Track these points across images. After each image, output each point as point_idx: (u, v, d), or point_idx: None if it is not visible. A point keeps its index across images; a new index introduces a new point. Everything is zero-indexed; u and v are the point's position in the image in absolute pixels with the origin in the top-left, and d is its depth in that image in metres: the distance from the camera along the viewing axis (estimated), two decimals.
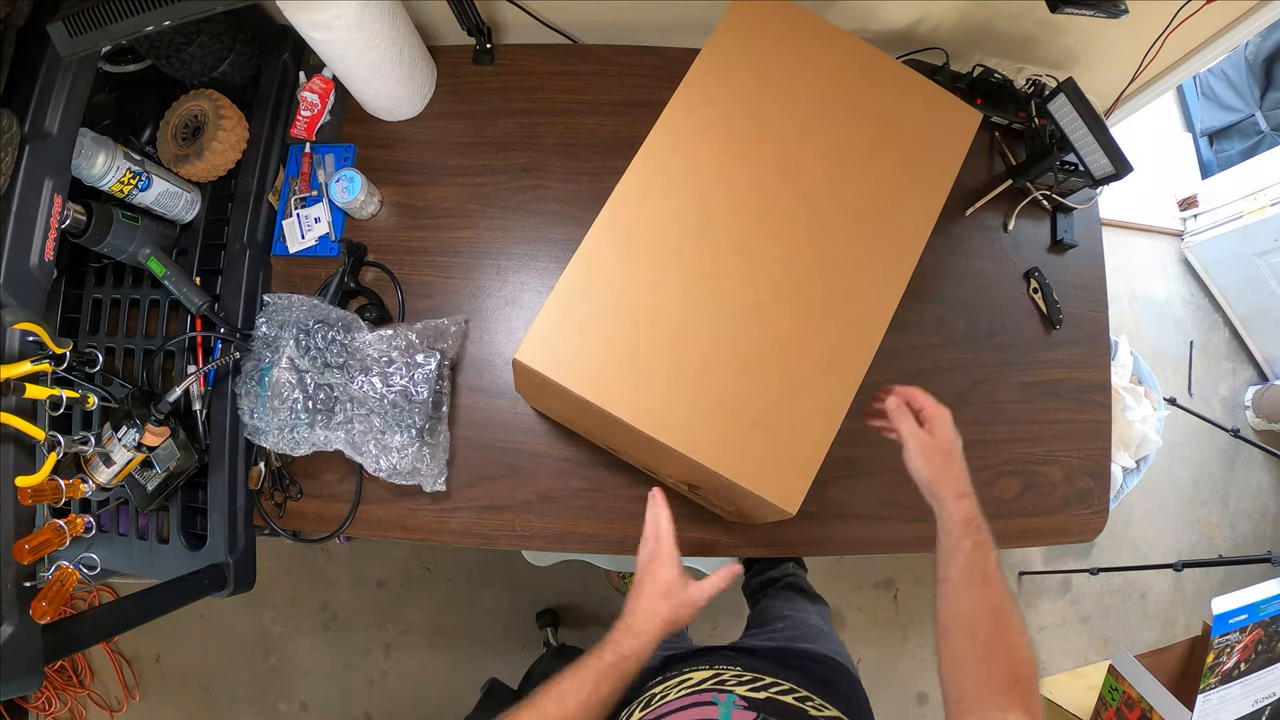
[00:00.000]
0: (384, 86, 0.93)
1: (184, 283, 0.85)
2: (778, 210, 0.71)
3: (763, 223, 0.71)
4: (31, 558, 0.63)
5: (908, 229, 0.74)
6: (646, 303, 0.66)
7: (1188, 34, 0.92)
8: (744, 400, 0.66)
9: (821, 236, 0.71)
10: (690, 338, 0.67)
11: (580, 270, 0.66)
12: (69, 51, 0.64)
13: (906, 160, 0.75)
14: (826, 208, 0.72)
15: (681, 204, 0.70)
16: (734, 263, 0.69)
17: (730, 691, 0.57)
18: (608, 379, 0.64)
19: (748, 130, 0.73)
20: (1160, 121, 2.15)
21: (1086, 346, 1.00)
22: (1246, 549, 1.95)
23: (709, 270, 0.68)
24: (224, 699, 1.78)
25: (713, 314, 0.67)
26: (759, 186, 0.71)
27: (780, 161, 0.72)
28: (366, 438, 0.83)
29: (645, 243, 0.68)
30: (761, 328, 0.68)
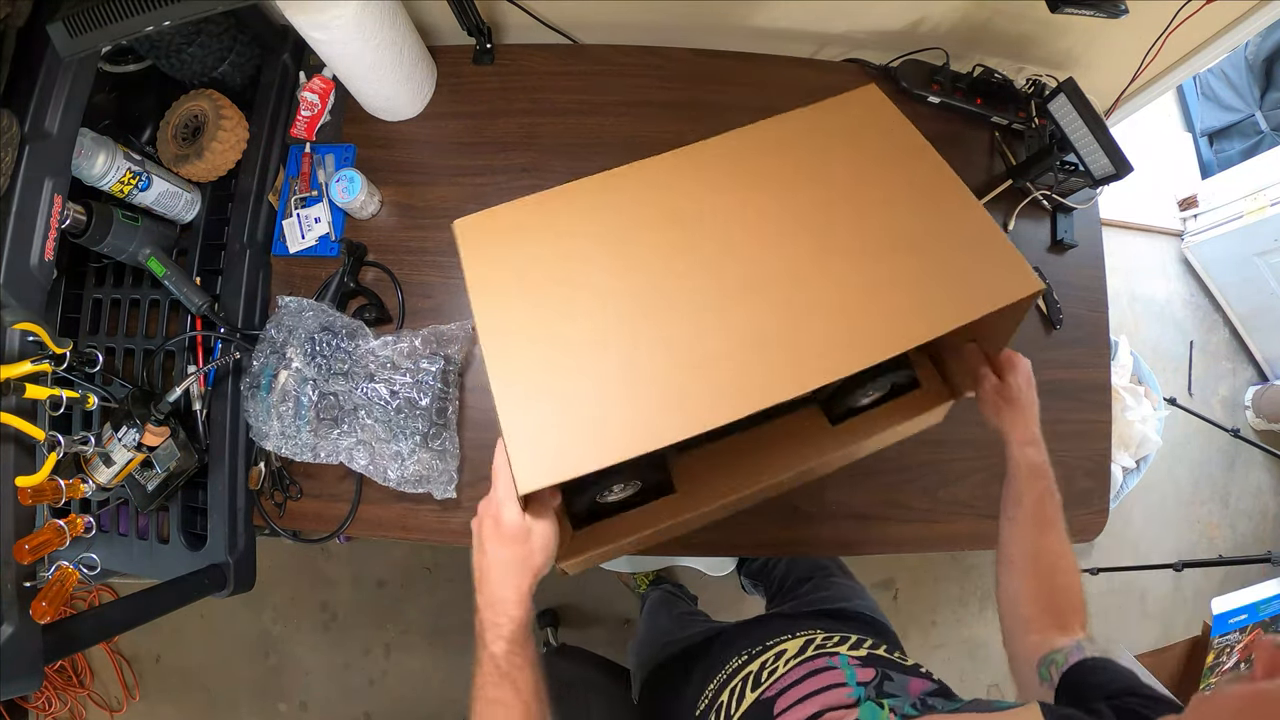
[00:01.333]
0: (384, 86, 0.93)
1: (184, 283, 0.85)
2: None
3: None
4: (31, 558, 0.63)
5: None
6: (591, 339, 0.56)
7: (1188, 34, 0.92)
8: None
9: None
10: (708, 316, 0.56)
11: (505, 377, 0.55)
12: (69, 51, 0.64)
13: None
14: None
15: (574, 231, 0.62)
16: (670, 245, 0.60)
17: (838, 653, 0.58)
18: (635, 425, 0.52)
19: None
20: (1160, 121, 2.15)
21: (1086, 346, 1.00)
22: (1246, 549, 1.95)
23: (641, 263, 0.60)
24: (224, 699, 1.78)
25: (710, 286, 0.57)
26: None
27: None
28: (372, 449, 0.82)
29: (551, 294, 0.59)
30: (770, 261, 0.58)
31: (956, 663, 1.82)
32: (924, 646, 1.82)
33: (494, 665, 0.49)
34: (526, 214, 0.64)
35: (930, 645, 1.82)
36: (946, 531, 0.94)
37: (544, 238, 0.62)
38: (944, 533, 0.94)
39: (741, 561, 1.55)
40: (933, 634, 1.82)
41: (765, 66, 1.02)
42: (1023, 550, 0.63)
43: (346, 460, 0.83)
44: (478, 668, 0.50)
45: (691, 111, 1.00)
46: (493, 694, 0.49)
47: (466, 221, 0.63)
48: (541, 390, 0.55)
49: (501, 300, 0.59)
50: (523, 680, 0.49)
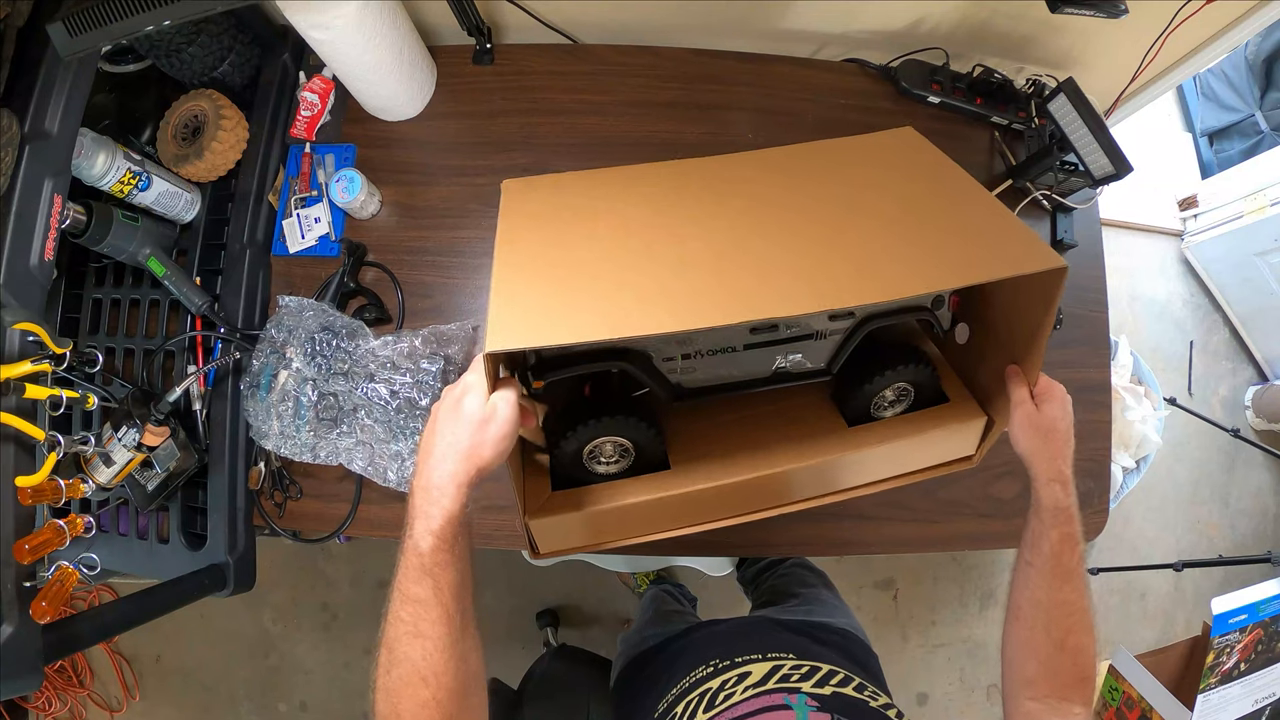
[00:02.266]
0: (384, 86, 0.93)
1: (184, 283, 0.85)
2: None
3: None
4: (31, 558, 0.63)
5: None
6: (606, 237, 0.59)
7: (1188, 34, 0.92)
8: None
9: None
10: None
11: (507, 263, 0.56)
12: (69, 51, 0.64)
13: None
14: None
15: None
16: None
17: (799, 690, 0.55)
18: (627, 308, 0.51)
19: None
20: (1160, 121, 2.15)
21: (1086, 346, 1.00)
22: (1246, 549, 1.95)
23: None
24: (224, 699, 1.78)
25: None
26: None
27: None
28: (371, 449, 0.82)
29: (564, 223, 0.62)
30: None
31: (956, 663, 1.82)
32: (924, 646, 1.82)
33: (418, 559, 0.46)
34: (571, 177, 0.70)
35: (930, 645, 1.82)
36: (946, 531, 0.94)
37: (579, 188, 0.67)
38: (944, 533, 0.94)
39: (741, 562, 1.55)
40: (932, 634, 1.82)
41: (765, 66, 1.02)
42: (1035, 600, 0.58)
43: (346, 462, 0.83)
44: (400, 559, 0.47)
45: (691, 111, 1.00)
46: (411, 590, 0.45)
47: (513, 182, 0.70)
48: (535, 277, 0.55)
49: (523, 221, 0.63)
50: (444, 580, 0.45)
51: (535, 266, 0.57)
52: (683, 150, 0.97)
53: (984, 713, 1.81)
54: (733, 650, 0.64)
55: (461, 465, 0.47)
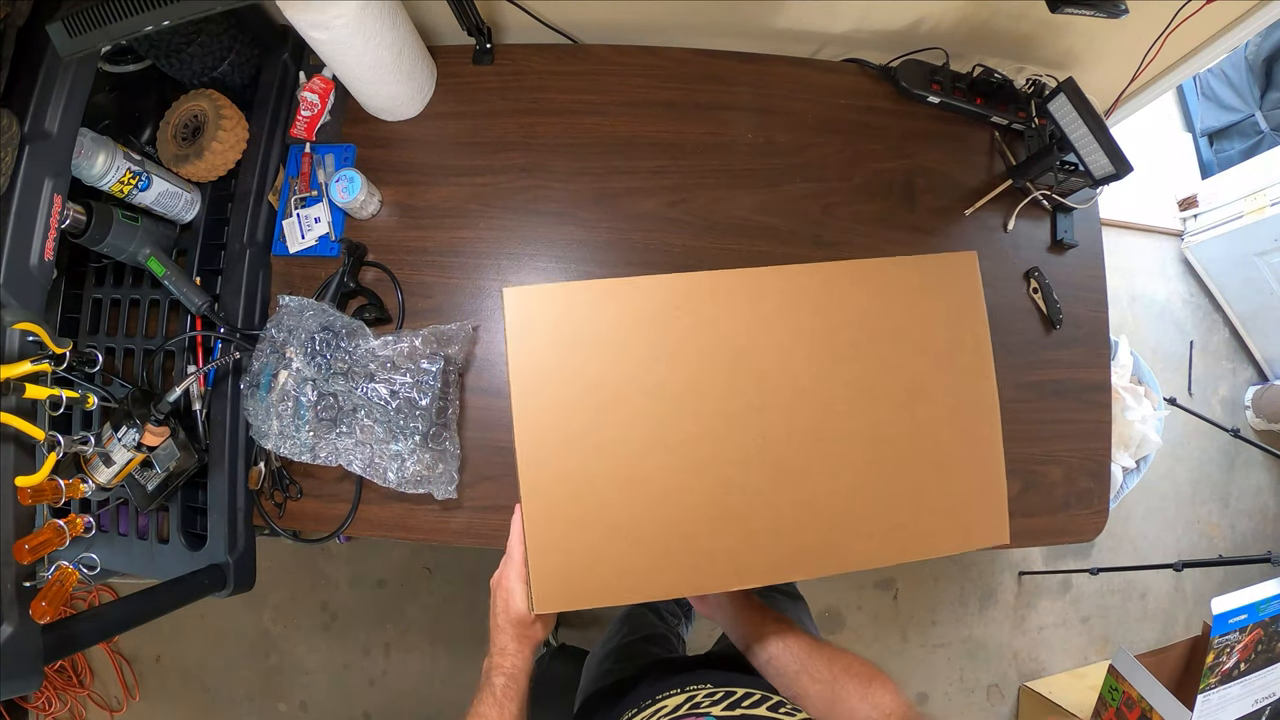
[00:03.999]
0: (384, 86, 0.93)
1: (184, 283, 0.85)
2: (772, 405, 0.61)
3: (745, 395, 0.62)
4: (31, 558, 0.63)
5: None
6: (633, 470, 0.60)
7: (1188, 34, 0.92)
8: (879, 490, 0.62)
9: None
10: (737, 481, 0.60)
11: (536, 486, 0.59)
12: (68, 52, 0.64)
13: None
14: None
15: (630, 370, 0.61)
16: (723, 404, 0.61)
17: (708, 713, 0.61)
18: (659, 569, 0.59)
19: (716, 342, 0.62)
20: (1160, 121, 2.15)
21: (1086, 346, 1.00)
22: (1246, 549, 1.95)
23: (693, 414, 0.61)
24: (224, 699, 1.78)
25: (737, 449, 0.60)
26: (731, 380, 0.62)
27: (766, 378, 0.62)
28: (371, 449, 0.82)
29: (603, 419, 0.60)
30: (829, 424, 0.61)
31: (956, 663, 1.82)
32: (924, 646, 1.82)
33: (490, 691, 0.61)
34: (582, 305, 0.62)
35: (930, 645, 1.82)
36: None
37: (597, 339, 0.61)
38: None
39: None
40: (933, 634, 1.82)
41: (765, 66, 1.02)
42: (796, 670, 0.65)
43: (345, 462, 0.83)
44: (479, 691, 0.62)
45: (691, 111, 1.00)
46: (484, 710, 0.60)
47: (518, 293, 0.61)
48: (570, 509, 0.59)
49: (544, 400, 0.60)
50: (509, 709, 0.60)
51: (562, 467, 0.59)
52: (683, 150, 0.98)
53: (984, 713, 1.81)
54: (655, 690, 0.70)
55: (522, 645, 0.64)
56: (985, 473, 0.65)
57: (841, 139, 1.00)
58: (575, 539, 0.58)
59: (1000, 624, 1.84)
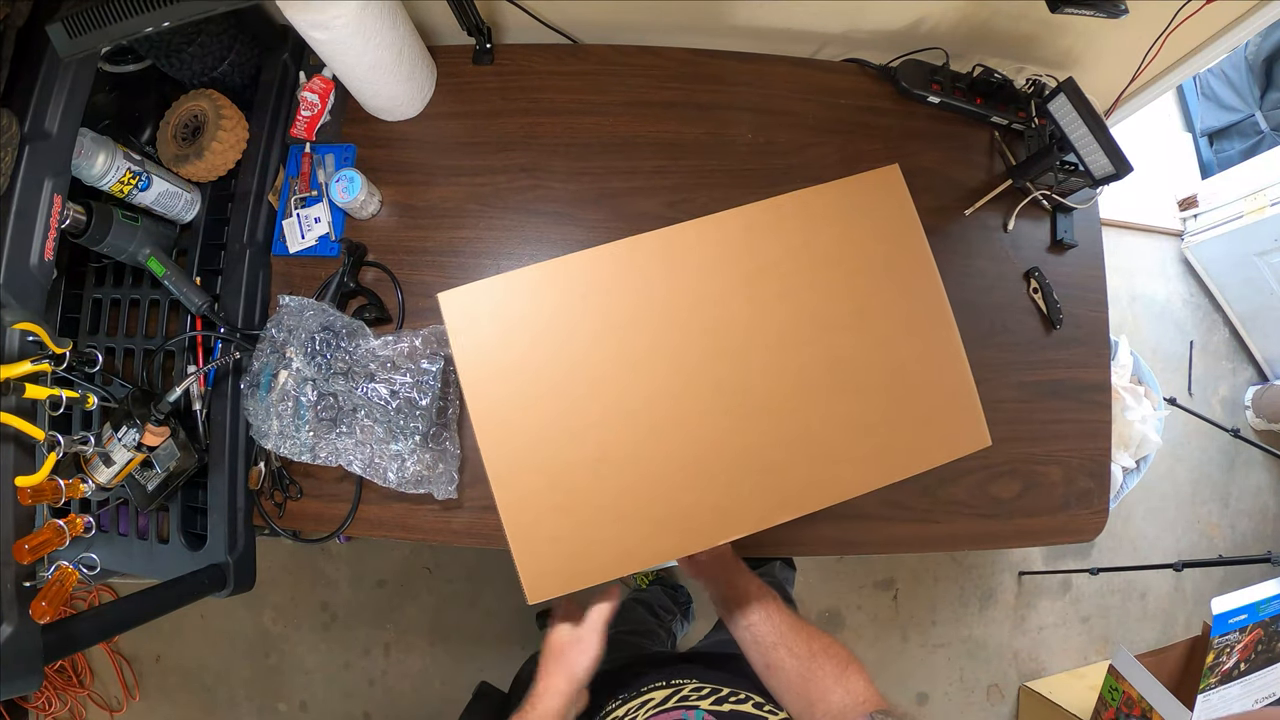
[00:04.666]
0: (384, 86, 0.93)
1: (184, 283, 0.85)
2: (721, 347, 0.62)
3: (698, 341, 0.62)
4: (31, 558, 0.63)
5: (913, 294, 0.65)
6: (596, 442, 0.60)
7: (1188, 34, 0.92)
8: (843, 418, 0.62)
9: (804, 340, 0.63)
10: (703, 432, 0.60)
11: (503, 476, 0.59)
12: (68, 52, 0.64)
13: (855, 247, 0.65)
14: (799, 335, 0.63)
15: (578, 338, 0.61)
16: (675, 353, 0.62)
17: (696, 707, 0.61)
18: (637, 537, 0.59)
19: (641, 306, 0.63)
20: (1160, 121, 2.15)
21: (1086, 346, 1.00)
22: (1246, 549, 1.95)
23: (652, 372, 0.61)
24: (224, 699, 1.78)
25: (691, 396, 0.61)
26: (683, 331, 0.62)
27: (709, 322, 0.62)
28: (370, 450, 0.82)
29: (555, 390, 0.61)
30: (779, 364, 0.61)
31: (957, 662, 1.82)
32: (924, 646, 1.82)
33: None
34: (518, 294, 0.62)
35: (930, 645, 1.82)
36: (946, 531, 0.94)
37: (539, 325, 0.61)
38: (944, 533, 0.94)
39: None
40: (933, 634, 1.82)
41: (765, 66, 1.02)
42: (773, 643, 0.65)
43: (345, 463, 0.82)
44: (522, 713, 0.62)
45: (691, 111, 1.00)
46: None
47: (452, 296, 0.62)
48: (547, 497, 0.59)
49: (501, 397, 0.61)
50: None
51: (530, 468, 0.60)
52: (683, 150, 0.98)
53: (984, 712, 1.81)
54: (641, 682, 0.71)
55: (570, 686, 0.63)
56: (952, 378, 0.64)
57: (841, 139, 1.00)
58: (558, 524, 0.59)
59: (1000, 624, 1.84)
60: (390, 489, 0.83)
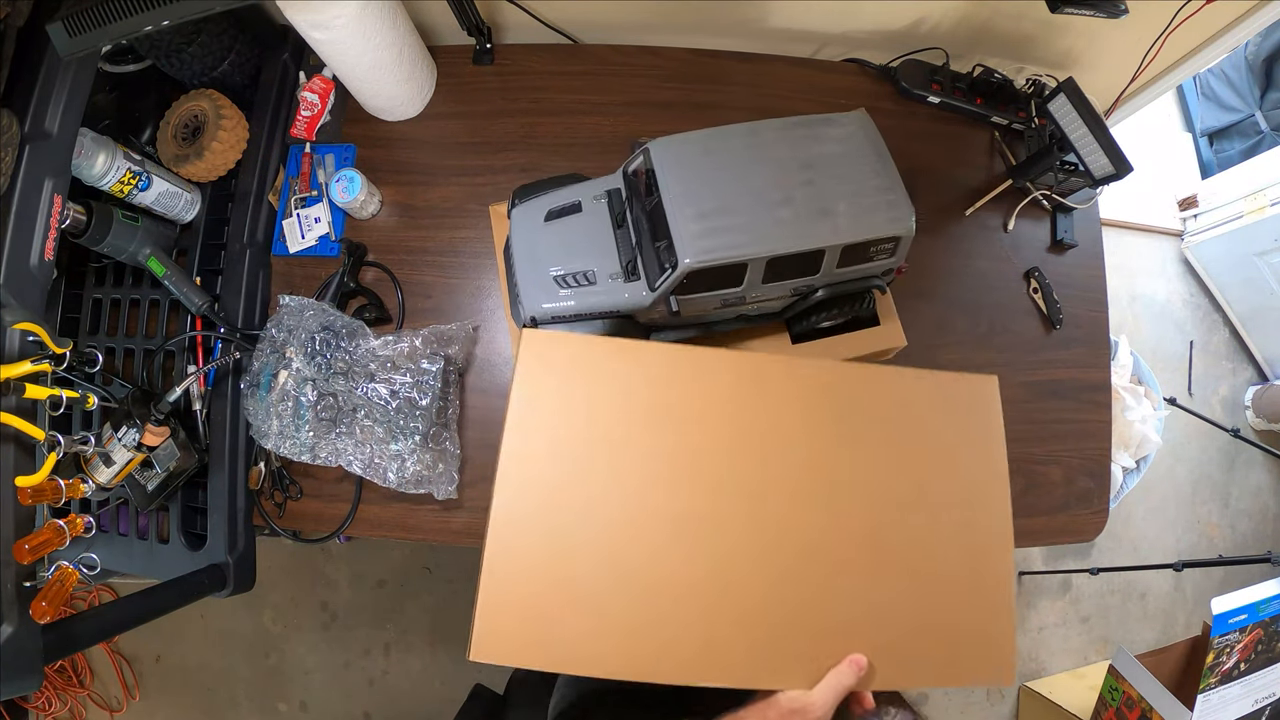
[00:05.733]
0: (384, 86, 0.93)
1: (184, 283, 0.85)
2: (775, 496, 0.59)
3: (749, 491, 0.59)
4: (31, 558, 0.63)
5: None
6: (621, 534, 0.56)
7: (1188, 34, 0.92)
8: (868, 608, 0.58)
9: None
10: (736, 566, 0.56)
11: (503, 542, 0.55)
12: (68, 52, 0.64)
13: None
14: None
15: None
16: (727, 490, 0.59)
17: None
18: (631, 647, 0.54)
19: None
20: (1160, 121, 2.15)
21: (1086, 346, 1.00)
22: (1246, 549, 1.95)
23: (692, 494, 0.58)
24: (224, 699, 1.78)
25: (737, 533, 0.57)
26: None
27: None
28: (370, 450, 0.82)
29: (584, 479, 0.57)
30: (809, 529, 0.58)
31: None
32: None
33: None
34: (597, 358, 0.61)
35: None
36: None
37: (604, 397, 0.59)
38: None
39: None
40: None
41: (765, 66, 1.02)
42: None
43: (345, 463, 0.82)
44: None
45: (691, 111, 1.00)
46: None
47: (536, 335, 0.61)
48: (537, 561, 0.55)
49: (536, 445, 0.58)
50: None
51: (540, 518, 0.56)
52: None
53: (984, 712, 1.81)
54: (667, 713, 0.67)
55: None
56: (994, 602, 0.60)
57: None
58: (539, 594, 0.55)
59: None
60: (390, 489, 0.83)
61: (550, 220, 0.72)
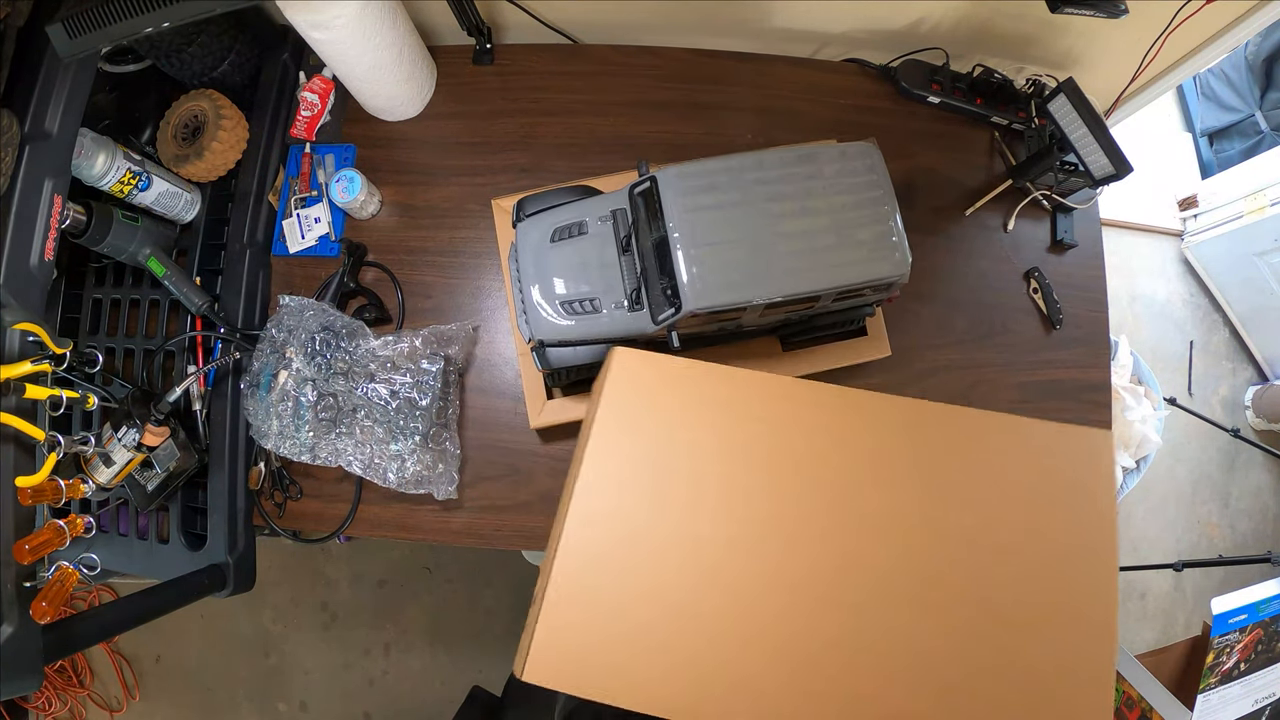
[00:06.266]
0: (384, 87, 0.93)
1: (184, 283, 0.85)
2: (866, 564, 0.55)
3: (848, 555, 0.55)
4: (31, 558, 0.63)
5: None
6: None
7: (1188, 34, 0.92)
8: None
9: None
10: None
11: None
12: (68, 53, 0.64)
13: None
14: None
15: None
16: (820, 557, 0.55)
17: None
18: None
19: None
20: (1160, 121, 2.15)
21: (1086, 346, 1.00)
22: (1246, 549, 1.95)
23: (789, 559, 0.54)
24: (224, 699, 1.78)
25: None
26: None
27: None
28: (370, 450, 0.82)
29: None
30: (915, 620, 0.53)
31: None
32: None
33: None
34: (689, 383, 0.59)
35: None
36: None
37: (694, 426, 0.57)
38: None
39: None
40: None
41: (765, 66, 1.02)
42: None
43: (345, 463, 0.83)
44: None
45: (691, 111, 1.00)
46: None
47: (626, 355, 0.59)
48: (600, 597, 0.53)
49: (615, 469, 0.56)
50: None
51: (606, 566, 0.54)
52: (683, 150, 0.98)
53: None
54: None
55: None
56: (1092, 695, 0.56)
57: (841, 139, 1.00)
58: (599, 624, 0.53)
59: None
60: (390, 489, 0.83)
61: (556, 242, 0.73)
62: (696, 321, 0.69)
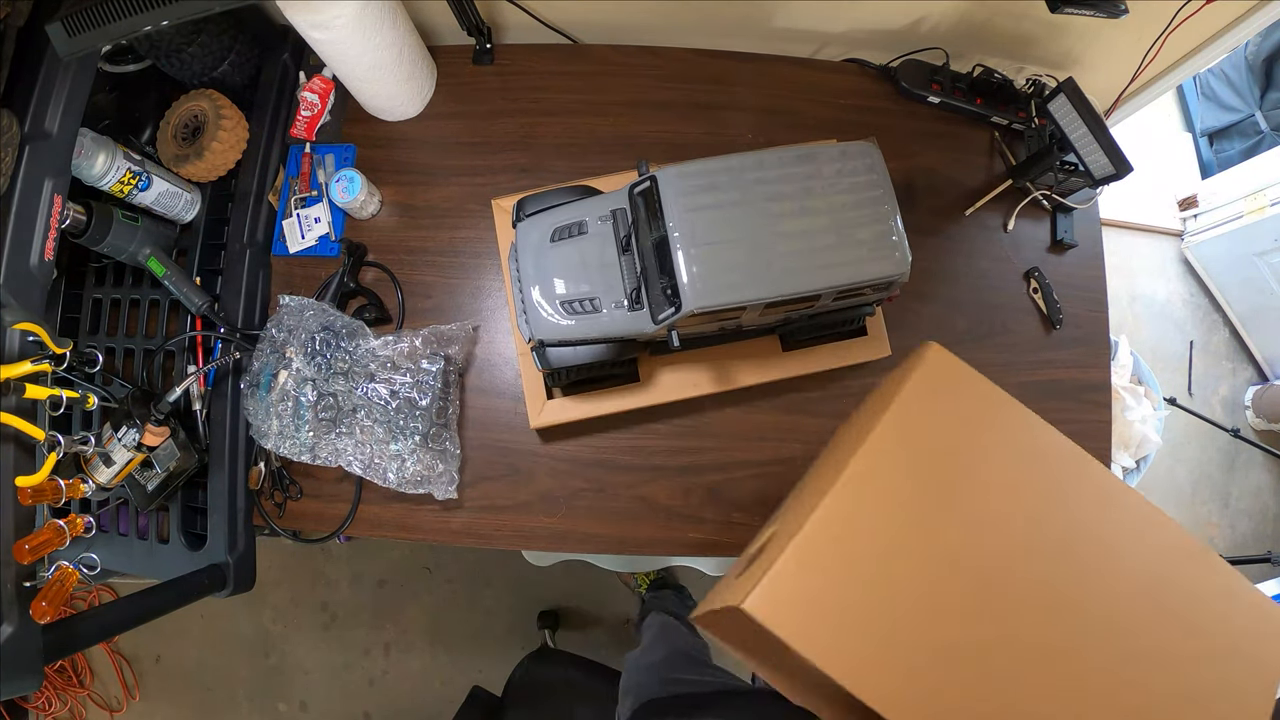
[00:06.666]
0: (384, 87, 0.93)
1: (184, 283, 0.85)
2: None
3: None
4: (31, 558, 0.63)
5: None
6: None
7: (1188, 34, 0.92)
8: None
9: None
10: None
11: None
12: (68, 52, 0.64)
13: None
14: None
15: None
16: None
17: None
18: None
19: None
20: (1160, 121, 2.15)
21: (1086, 346, 1.00)
22: (1246, 549, 1.95)
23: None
24: (224, 699, 1.78)
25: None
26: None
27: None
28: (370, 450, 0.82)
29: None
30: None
31: None
32: None
33: None
34: (986, 408, 0.58)
35: None
36: None
37: (975, 440, 0.57)
38: None
39: None
40: None
41: (765, 66, 1.02)
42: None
43: (345, 463, 0.83)
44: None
45: (691, 111, 1.00)
46: None
47: (941, 353, 0.59)
48: (856, 563, 0.52)
49: (898, 462, 0.55)
50: None
51: (858, 546, 0.53)
52: (683, 150, 0.98)
53: None
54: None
55: None
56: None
57: (841, 139, 1.00)
58: (837, 588, 0.51)
59: None
60: (390, 489, 0.83)
61: (556, 242, 0.73)
62: (696, 321, 0.69)
